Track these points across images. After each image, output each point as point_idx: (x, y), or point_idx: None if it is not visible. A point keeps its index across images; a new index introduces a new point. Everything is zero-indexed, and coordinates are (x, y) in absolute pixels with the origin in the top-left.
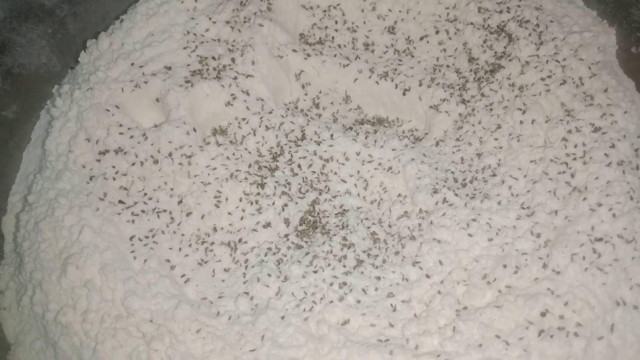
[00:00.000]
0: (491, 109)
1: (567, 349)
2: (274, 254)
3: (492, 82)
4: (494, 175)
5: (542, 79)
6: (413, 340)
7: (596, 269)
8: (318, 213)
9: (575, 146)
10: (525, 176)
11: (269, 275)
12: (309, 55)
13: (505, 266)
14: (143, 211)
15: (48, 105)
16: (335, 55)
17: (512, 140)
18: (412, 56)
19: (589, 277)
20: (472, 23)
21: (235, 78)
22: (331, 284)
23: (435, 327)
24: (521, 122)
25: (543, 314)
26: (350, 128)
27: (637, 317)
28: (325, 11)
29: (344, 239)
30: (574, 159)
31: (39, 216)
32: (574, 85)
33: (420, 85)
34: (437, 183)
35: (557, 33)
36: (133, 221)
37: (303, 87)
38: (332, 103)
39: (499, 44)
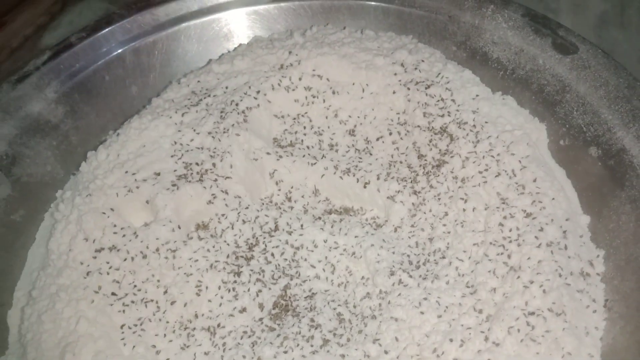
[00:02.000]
0: (439, 199)
1: None
2: (249, 336)
3: (439, 175)
4: (443, 257)
5: (480, 172)
6: None
7: (530, 340)
8: (289, 297)
9: (510, 230)
10: (469, 258)
11: (244, 357)
12: (280, 156)
13: (451, 340)
14: (133, 302)
15: (52, 208)
16: (304, 156)
17: (457, 226)
18: (371, 154)
19: (524, 347)
20: (419, 126)
21: (216, 180)
22: None
23: None
24: (464, 210)
25: None
26: (319, 218)
27: None
28: (294, 119)
29: (312, 320)
30: (510, 241)
31: (41, 309)
32: (507, 176)
33: (378, 179)
34: (393, 266)
35: (492, 132)
36: (124, 311)
37: (276, 183)
38: (302, 196)
39: (442, 142)
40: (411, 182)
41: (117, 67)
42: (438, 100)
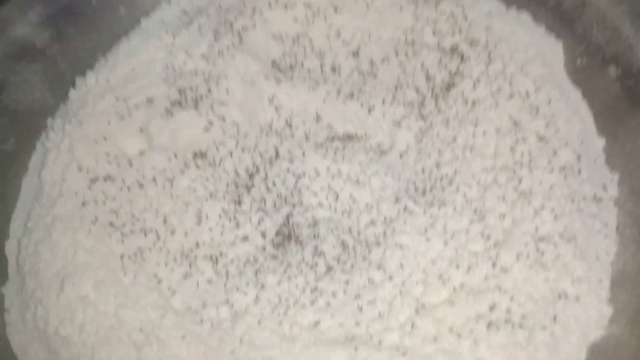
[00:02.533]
0: (448, 123)
1: (512, 339)
2: (252, 264)
3: (448, 98)
4: (451, 183)
5: (492, 94)
6: (376, 337)
7: (539, 266)
8: (292, 225)
9: (522, 154)
10: (478, 183)
11: (247, 284)
12: (280, 80)
13: (458, 266)
14: (131, 231)
15: (43, 137)
16: (304, 80)
17: (466, 151)
18: (375, 77)
19: (532, 273)
20: (427, 45)
21: (212, 106)
22: (303, 290)
23: (396, 324)
24: (474, 135)
25: (491, 308)
26: (322, 145)
27: (579, 308)
28: (294, 40)
29: (315, 247)
30: (521, 166)
31: (37, 240)
32: (520, 98)
33: (383, 103)
34: (399, 193)
35: (505, 51)
36: (122, 241)
37: (276, 109)
38: (304, 122)
39: (452, 63)
40: (418, 106)
41: None
42: (448, 17)
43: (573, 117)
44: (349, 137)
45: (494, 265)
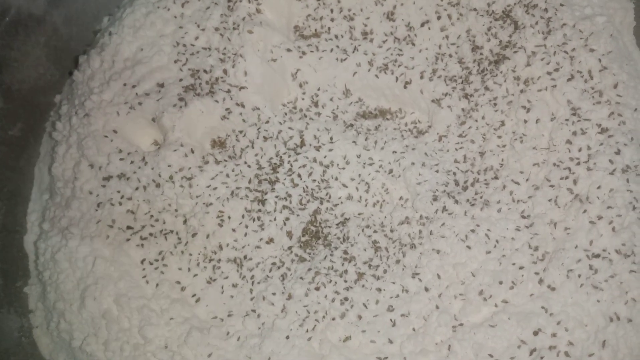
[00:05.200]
0: (495, 104)
1: None
2: (279, 267)
3: (496, 74)
4: (496, 177)
5: (549, 73)
6: (410, 358)
7: (591, 287)
8: (320, 223)
9: (580, 150)
10: (527, 180)
11: (274, 294)
12: (304, 53)
13: (501, 283)
14: (151, 234)
15: (52, 117)
16: (332, 50)
17: (516, 142)
18: (413, 44)
19: (583, 295)
20: (475, 8)
21: (229, 91)
22: (333, 300)
23: (432, 345)
24: (525, 121)
25: (535, 333)
26: (351, 125)
27: (631, 330)
28: (319, 0)
29: (345, 252)
30: (578, 163)
31: (54, 246)
32: (582, 79)
33: (421, 77)
34: (436, 189)
35: (567, 19)
36: (142, 245)
37: (300, 85)
38: (331, 99)
39: (504, 32)
40: (462, 82)
41: None
42: None
43: None
44: (381, 113)
45: (540, 281)
